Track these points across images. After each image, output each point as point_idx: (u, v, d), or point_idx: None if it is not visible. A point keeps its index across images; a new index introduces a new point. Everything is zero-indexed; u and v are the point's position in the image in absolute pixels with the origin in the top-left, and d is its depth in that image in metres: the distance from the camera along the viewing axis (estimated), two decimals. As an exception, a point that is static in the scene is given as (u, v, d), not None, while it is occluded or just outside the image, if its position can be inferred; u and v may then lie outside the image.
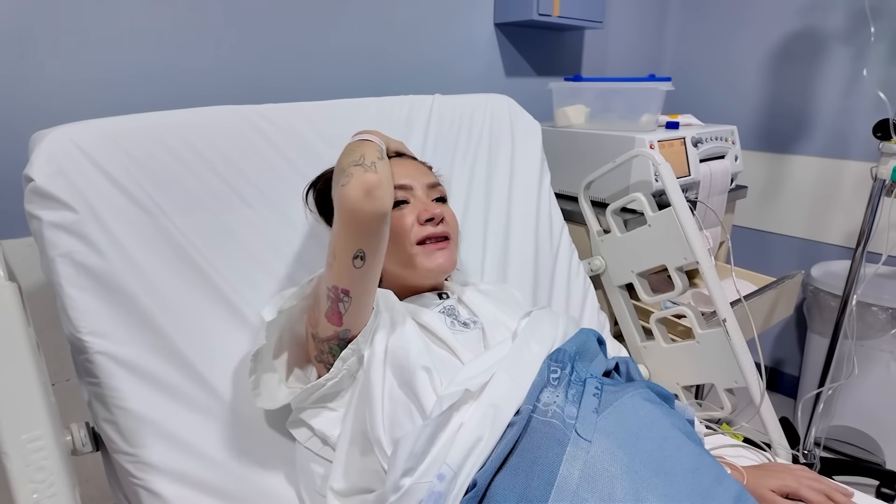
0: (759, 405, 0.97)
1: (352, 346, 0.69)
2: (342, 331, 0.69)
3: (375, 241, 0.66)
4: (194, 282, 0.77)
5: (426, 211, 0.79)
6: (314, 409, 0.72)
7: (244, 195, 0.84)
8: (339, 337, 0.70)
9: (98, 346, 0.68)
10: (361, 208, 0.63)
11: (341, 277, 0.67)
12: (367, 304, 0.70)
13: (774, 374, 2.03)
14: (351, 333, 0.70)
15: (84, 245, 0.69)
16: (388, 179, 0.65)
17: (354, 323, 0.69)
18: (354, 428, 0.70)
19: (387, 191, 0.64)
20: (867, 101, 1.60)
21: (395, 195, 0.80)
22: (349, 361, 0.70)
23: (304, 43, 1.16)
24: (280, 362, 0.74)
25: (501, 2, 1.45)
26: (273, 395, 0.72)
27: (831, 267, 1.68)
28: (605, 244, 1.19)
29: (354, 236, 0.65)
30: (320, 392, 0.71)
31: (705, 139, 1.31)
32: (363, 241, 0.65)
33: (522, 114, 1.22)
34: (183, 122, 0.82)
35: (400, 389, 0.67)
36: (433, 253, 0.79)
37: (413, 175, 0.84)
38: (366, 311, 0.70)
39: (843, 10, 1.60)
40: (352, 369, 0.71)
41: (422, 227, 0.79)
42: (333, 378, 0.70)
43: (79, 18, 0.91)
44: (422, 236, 0.79)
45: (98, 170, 0.72)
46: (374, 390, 0.67)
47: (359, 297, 0.68)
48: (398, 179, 0.82)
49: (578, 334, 0.77)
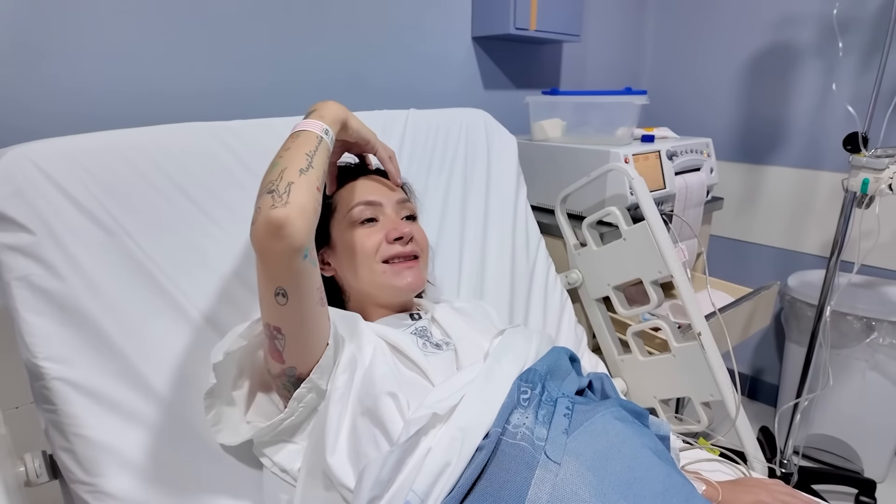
0: (734, 419, 0.97)
1: (305, 384, 0.67)
2: (287, 368, 0.67)
3: (293, 278, 0.61)
4: (157, 303, 0.75)
5: (395, 230, 0.78)
6: (275, 445, 0.71)
7: (211, 213, 0.83)
8: (286, 374, 0.68)
9: (55, 371, 0.66)
10: (269, 248, 0.58)
11: (268, 314, 0.64)
12: (309, 341, 0.66)
13: (755, 382, 2.04)
14: (298, 371, 0.67)
15: (41, 268, 0.67)
16: (300, 209, 0.58)
17: (299, 360, 0.67)
18: (314, 459, 0.68)
19: (297, 226, 0.57)
20: (838, 114, 1.63)
21: (363, 212, 0.80)
22: (305, 399, 0.68)
23: (279, 59, 1.16)
24: (240, 394, 0.72)
25: (479, 16, 1.45)
26: (235, 429, 0.71)
27: (807, 276, 1.70)
28: (582, 257, 1.19)
29: (269, 274, 0.61)
30: (280, 429, 0.69)
31: (680, 152, 1.32)
32: (280, 279, 0.61)
33: (498, 128, 1.22)
34: (149, 139, 0.80)
35: (363, 418, 0.65)
36: (401, 272, 0.78)
37: (382, 191, 0.83)
38: (309, 348, 0.67)
39: (813, 24, 1.63)
40: (311, 405, 0.69)
41: (389, 245, 0.78)
42: (289, 417, 0.68)
43: (44, 34, 0.89)
44: (389, 255, 0.78)
45: (58, 189, 0.71)
46: (329, 427, 0.65)
47: (293, 335, 0.65)
48: (367, 195, 0.82)
49: (550, 353, 0.76)
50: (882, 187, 1.18)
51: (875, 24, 1.51)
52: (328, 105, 0.73)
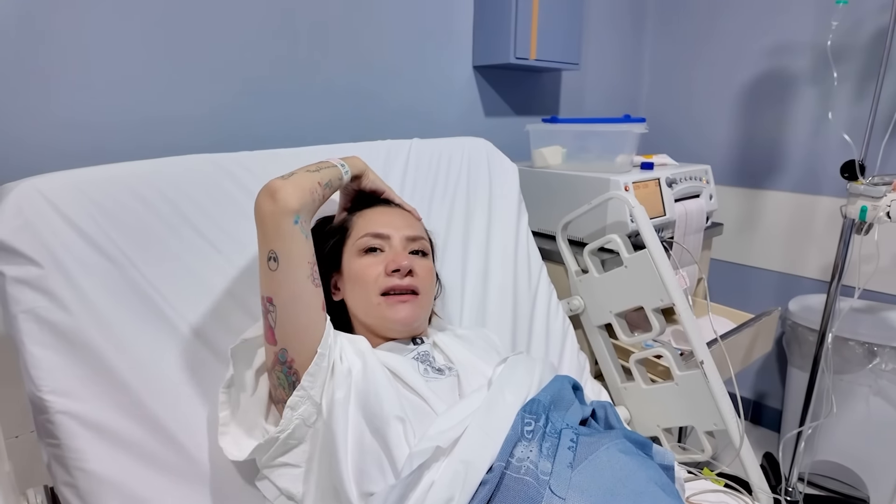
0: (738, 449, 0.96)
1: (298, 392, 0.68)
2: (279, 351, 0.69)
3: (284, 241, 0.68)
4: (163, 335, 0.75)
5: (393, 261, 0.79)
6: (277, 468, 0.70)
7: (217, 244, 0.83)
8: (279, 360, 0.69)
9: (60, 405, 0.66)
10: (264, 208, 0.68)
11: (263, 284, 0.70)
12: (299, 320, 0.69)
13: (758, 408, 2.02)
14: (289, 356, 0.69)
15: (48, 300, 0.68)
16: (296, 184, 0.70)
17: (289, 342, 0.69)
18: (322, 484, 0.68)
19: (290, 192, 0.68)
20: (835, 141, 1.65)
21: (368, 242, 0.81)
22: (300, 409, 0.69)
23: (284, 89, 1.18)
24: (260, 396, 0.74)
25: (480, 45, 1.48)
26: (238, 441, 0.71)
27: (808, 301, 1.70)
28: (584, 284, 1.20)
29: (264, 237, 0.69)
30: (277, 445, 0.69)
31: (679, 179, 1.34)
32: (272, 241, 0.68)
33: (500, 156, 1.24)
34: (155, 171, 0.81)
35: (371, 437, 0.65)
36: (395, 305, 0.78)
37: (395, 224, 0.84)
38: (299, 329, 0.70)
39: (808, 53, 1.66)
40: (306, 419, 0.69)
41: (388, 277, 0.78)
42: (286, 429, 0.69)
43: (51, 66, 0.91)
44: (386, 287, 0.78)
45: (66, 222, 0.71)
46: (338, 440, 0.65)
47: (284, 305, 0.68)
48: (375, 227, 0.83)
49: (553, 382, 0.76)
50: (880, 215, 1.19)
51: (869, 53, 1.54)
52: (352, 157, 0.85)
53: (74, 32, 0.91)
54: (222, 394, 0.73)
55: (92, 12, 0.92)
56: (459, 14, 1.45)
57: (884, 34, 1.26)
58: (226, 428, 0.72)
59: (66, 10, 0.90)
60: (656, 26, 2.01)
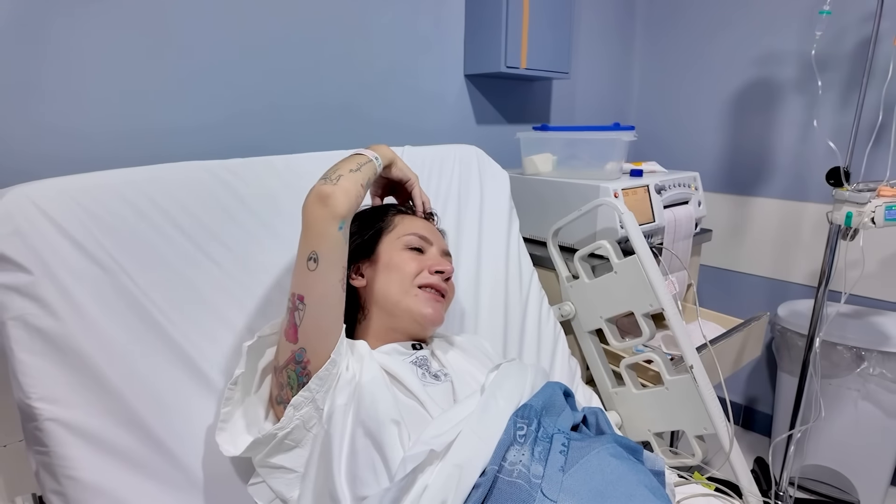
0: (728, 453, 0.97)
1: (304, 392, 0.69)
2: (297, 350, 0.70)
3: (327, 244, 0.70)
4: (154, 342, 0.75)
5: (440, 264, 0.84)
6: (272, 469, 0.70)
7: (209, 251, 0.84)
8: (295, 360, 0.70)
9: (49, 412, 0.66)
10: (314, 213, 0.70)
11: (297, 282, 0.71)
12: (323, 321, 0.70)
13: (749, 412, 2.04)
14: (306, 356, 0.70)
15: (38, 307, 0.67)
16: (344, 190, 0.71)
17: (310, 342, 0.70)
18: (317, 489, 0.68)
19: (340, 199, 0.70)
20: (820, 148, 1.67)
21: (415, 241, 0.85)
22: (302, 410, 0.69)
23: (275, 98, 1.18)
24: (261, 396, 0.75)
25: (471, 54, 1.50)
26: (235, 438, 0.72)
27: (797, 306, 1.72)
28: (575, 290, 1.21)
29: (308, 238, 0.71)
30: (273, 444, 0.69)
31: (668, 186, 1.35)
32: (315, 243, 0.70)
33: (490, 163, 1.25)
34: (147, 178, 0.82)
35: (365, 439, 0.66)
36: (429, 301, 0.82)
37: (436, 237, 0.89)
38: (322, 331, 0.70)
39: (794, 62, 1.69)
40: (307, 421, 0.70)
41: (430, 274, 0.83)
42: (285, 428, 0.69)
43: (44, 74, 0.91)
44: (426, 282, 0.82)
45: (56, 229, 0.71)
46: (334, 444, 0.66)
47: (314, 304, 0.69)
48: (424, 231, 0.87)
49: (545, 388, 0.77)
50: (865, 220, 1.21)
51: (852, 62, 1.58)
52: (380, 146, 0.86)
53: (67, 41, 0.92)
54: (228, 389, 0.73)
55: (85, 21, 0.93)
56: (451, 23, 1.46)
57: (866, 44, 1.28)
58: (225, 424, 0.72)
59: (58, 17, 0.90)
60: (645, 36, 2.04)
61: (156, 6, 0.99)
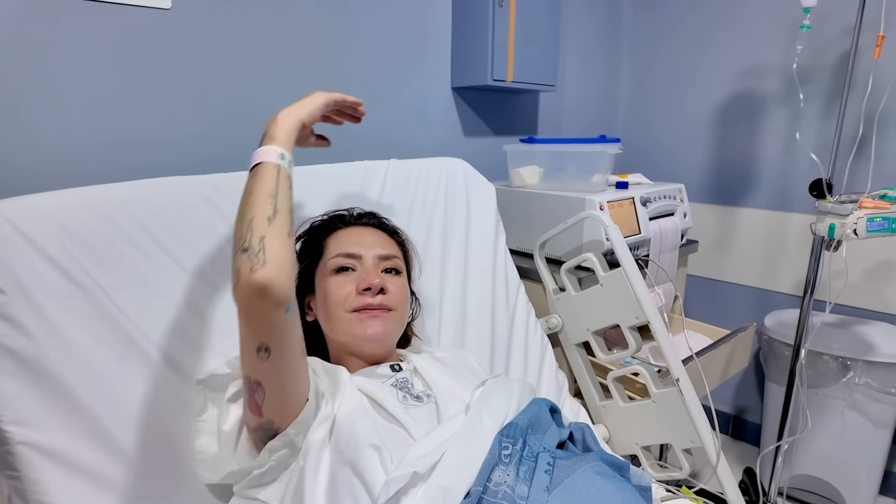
0: (714, 466, 0.96)
1: (281, 437, 0.67)
2: (266, 422, 0.67)
3: (276, 333, 0.61)
4: (131, 361, 0.73)
5: (364, 280, 0.79)
6: (250, 501, 0.69)
7: (189, 267, 0.82)
8: (264, 428, 0.67)
9: (20, 435, 0.64)
10: (252, 307, 0.59)
11: (250, 368, 0.64)
12: (289, 395, 0.66)
13: (738, 422, 2.04)
14: (276, 425, 0.67)
15: (11, 328, 0.66)
16: (278, 266, 0.58)
17: (277, 414, 0.66)
18: None
19: (278, 283, 0.58)
20: (803, 160, 1.69)
21: (340, 262, 0.82)
22: (278, 454, 0.67)
23: (259, 111, 1.16)
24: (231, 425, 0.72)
25: (458, 67, 1.50)
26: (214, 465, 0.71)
27: (783, 316, 1.73)
28: (562, 302, 1.20)
29: (252, 330, 0.62)
30: (250, 479, 0.68)
31: (654, 198, 1.36)
32: (263, 335, 0.61)
33: (477, 176, 1.25)
34: (126, 194, 0.80)
35: (344, 466, 0.64)
36: (365, 320, 0.79)
37: (366, 244, 0.84)
38: (289, 402, 0.67)
39: (776, 75, 1.72)
40: (284, 460, 0.68)
41: (359, 296, 0.79)
42: (259, 468, 0.67)
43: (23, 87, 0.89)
44: (357, 305, 0.79)
45: (32, 247, 0.70)
46: (307, 479, 0.64)
47: (273, 388, 0.64)
48: (348, 248, 0.83)
49: (530, 405, 0.76)
50: (848, 232, 1.22)
51: (833, 74, 1.60)
52: (277, 123, 0.70)
53: (46, 53, 0.90)
54: (197, 422, 0.72)
55: (65, 33, 0.91)
56: (437, 36, 1.47)
57: (846, 57, 1.30)
58: (202, 455, 0.72)
59: (38, 29, 0.89)
60: (631, 49, 2.06)
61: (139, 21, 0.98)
